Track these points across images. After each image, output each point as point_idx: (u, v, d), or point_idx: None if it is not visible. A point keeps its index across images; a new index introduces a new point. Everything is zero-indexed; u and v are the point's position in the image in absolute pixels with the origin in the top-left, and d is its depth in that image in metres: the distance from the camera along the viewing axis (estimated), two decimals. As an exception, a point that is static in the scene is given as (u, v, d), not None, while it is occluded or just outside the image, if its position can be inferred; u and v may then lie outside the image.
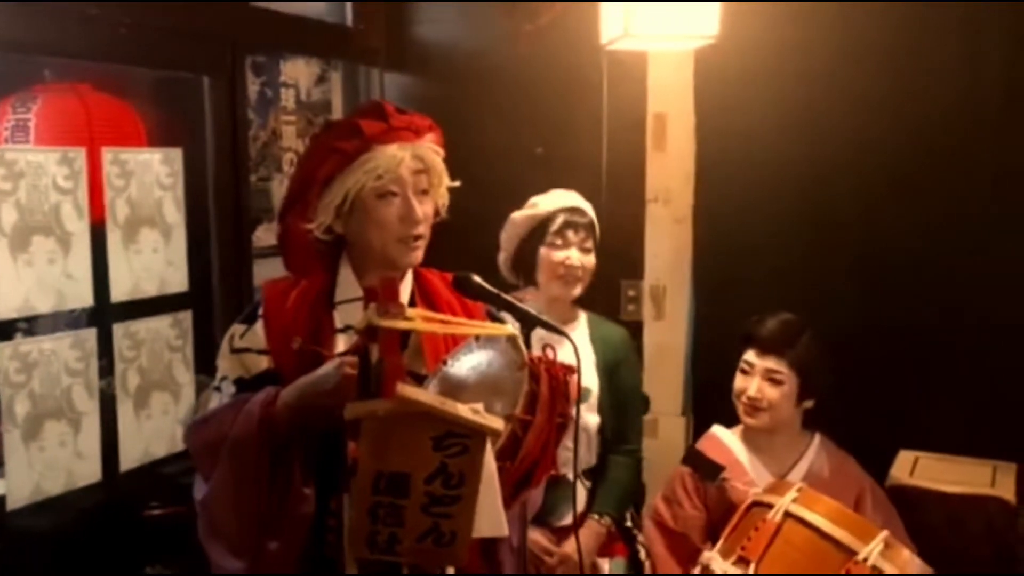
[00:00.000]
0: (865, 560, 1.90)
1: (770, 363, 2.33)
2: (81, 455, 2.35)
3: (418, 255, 1.78)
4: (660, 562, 2.40)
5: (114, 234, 2.45)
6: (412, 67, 3.41)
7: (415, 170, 1.74)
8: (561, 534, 2.34)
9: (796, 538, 1.98)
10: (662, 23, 2.36)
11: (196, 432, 1.75)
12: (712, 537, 2.30)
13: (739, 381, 2.40)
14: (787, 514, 2.01)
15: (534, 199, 2.48)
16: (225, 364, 1.78)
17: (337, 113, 3.42)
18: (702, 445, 2.49)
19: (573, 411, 1.67)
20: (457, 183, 1.85)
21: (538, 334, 1.68)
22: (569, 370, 1.63)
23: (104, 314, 2.44)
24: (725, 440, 2.46)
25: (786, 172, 2.89)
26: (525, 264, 2.44)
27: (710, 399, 2.97)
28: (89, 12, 2.31)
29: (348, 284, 1.80)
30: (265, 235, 2.96)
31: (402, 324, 1.53)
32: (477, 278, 1.76)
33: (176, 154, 2.62)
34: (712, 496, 2.37)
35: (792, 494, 2.05)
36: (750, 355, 2.38)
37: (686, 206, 3.06)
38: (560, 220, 2.40)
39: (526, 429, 1.56)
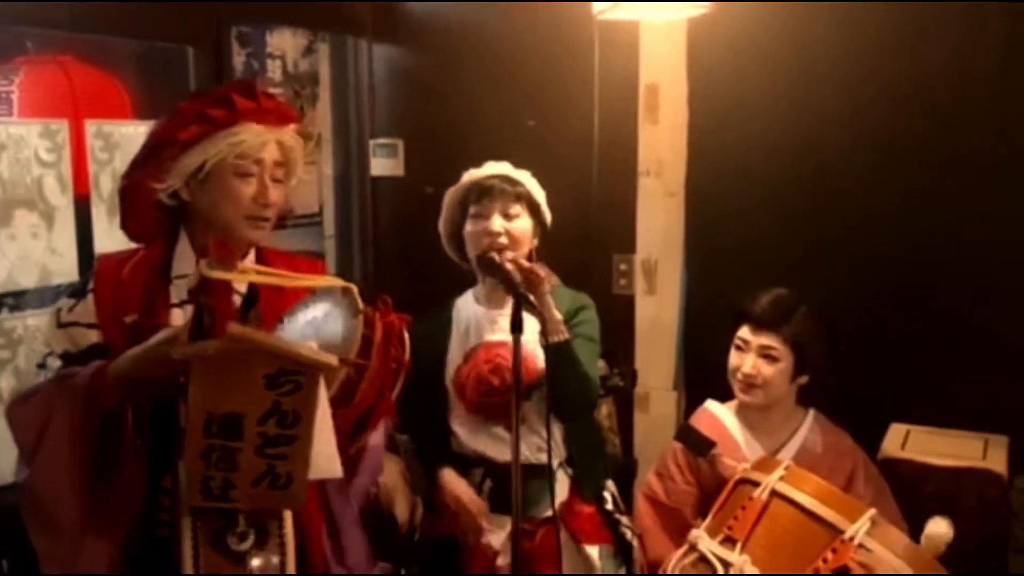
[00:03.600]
0: (851, 539, 1.89)
1: (765, 340, 2.31)
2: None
3: (263, 234, 1.78)
4: (651, 537, 2.39)
5: (99, 208, 2.42)
6: (400, 38, 3.37)
7: (275, 160, 1.75)
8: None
9: (782, 517, 1.96)
10: (655, -8, 2.33)
11: (18, 409, 1.67)
12: (704, 512, 2.30)
13: (734, 358, 2.38)
14: (774, 493, 2.00)
15: (464, 174, 2.33)
16: (51, 339, 1.73)
17: (325, 85, 3.38)
18: (696, 420, 2.48)
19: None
20: (308, 177, 1.88)
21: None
22: (404, 320, 1.66)
23: (90, 290, 2.41)
24: (719, 415, 2.45)
25: (780, 145, 2.87)
26: (459, 245, 2.29)
27: (702, 373, 2.98)
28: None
29: (186, 258, 1.77)
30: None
31: (233, 276, 1.53)
32: (492, 254, 2.07)
33: (161, 127, 2.59)
34: (704, 471, 2.37)
35: (779, 472, 2.03)
36: (744, 331, 2.36)
37: (679, 179, 3.03)
38: (477, 189, 2.23)
39: (361, 374, 1.58)
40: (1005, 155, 2.67)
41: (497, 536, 2.21)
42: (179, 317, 1.71)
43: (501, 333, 2.20)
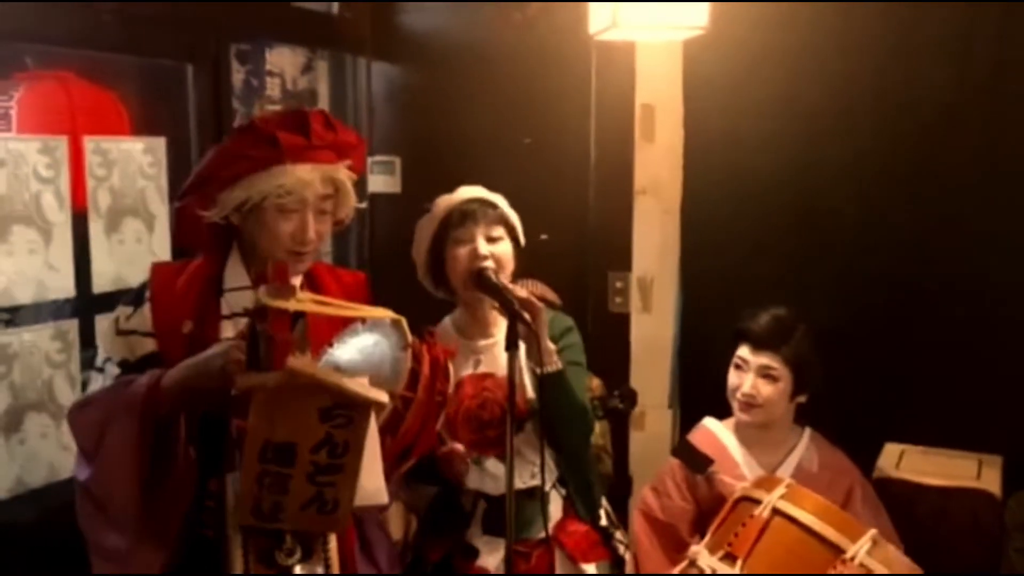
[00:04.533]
0: (852, 558, 1.89)
1: (764, 359, 2.31)
2: (64, 447, 2.33)
3: (304, 265, 1.82)
4: (645, 553, 2.39)
5: (96, 224, 2.43)
6: (399, 56, 3.39)
7: (322, 194, 1.77)
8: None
9: (784, 535, 1.97)
10: (651, 13, 2.33)
11: (79, 413, 1.75)
12: (701, 530, 2.29)
13: (733, 377, 2.38)
14: (775, 511, 2.00)
15: (437, 200, 2.26)
16: (110, 345, 1.79)
17: (323, 102, 3.39)
18: (694, 437, 2.48)
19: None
20: (364, 204, 1.91)
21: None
22: (448, 353, 1.75)
23: (86, 305, 2.42)
24: (717, 433, 2.45)
25: (775, 163, 2.88)
26: (439, 273, 2.22)
27: (697, 391, 2.98)
28: (71, -2, 2.28)
29: (237, 272, 1.82)
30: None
31: (292, 305, 1.56)
32: (489, 272, 2.03)
33: (159, 143, 2.60)
34: (702, 488, 2.37)
35: (780, 490, 2.03)
36: (744, 351, 2.36)
37: (674, 198, 3.04)
38: (458, 213, 2.17)
39: (407, 406, 1.67)
40: (998, 174, 2.68)
41: (492, 558, 2.20)
42: (229, 329, 1.77)
43: (484, 365, 2.19)
